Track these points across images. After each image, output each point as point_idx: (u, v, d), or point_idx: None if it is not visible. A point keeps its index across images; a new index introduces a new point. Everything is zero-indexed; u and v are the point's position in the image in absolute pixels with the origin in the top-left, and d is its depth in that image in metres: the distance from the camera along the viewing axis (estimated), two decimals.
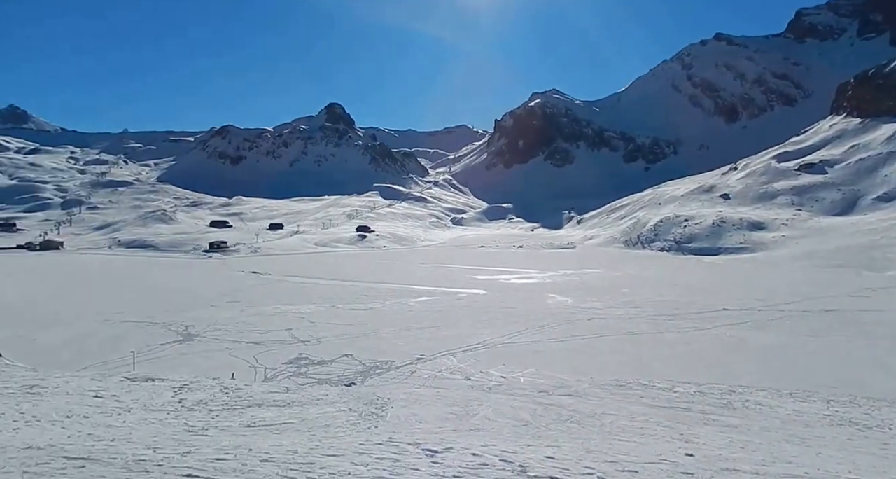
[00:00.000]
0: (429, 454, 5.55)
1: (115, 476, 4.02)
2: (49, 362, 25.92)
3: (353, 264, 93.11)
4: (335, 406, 10.35)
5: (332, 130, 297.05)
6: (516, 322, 42.93)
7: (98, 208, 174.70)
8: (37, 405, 9.65)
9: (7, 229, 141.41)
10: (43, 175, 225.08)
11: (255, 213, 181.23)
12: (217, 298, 56.17)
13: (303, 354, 33.72)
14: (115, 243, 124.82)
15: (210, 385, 12.01)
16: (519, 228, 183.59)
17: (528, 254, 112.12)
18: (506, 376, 28.19)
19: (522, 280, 70.81)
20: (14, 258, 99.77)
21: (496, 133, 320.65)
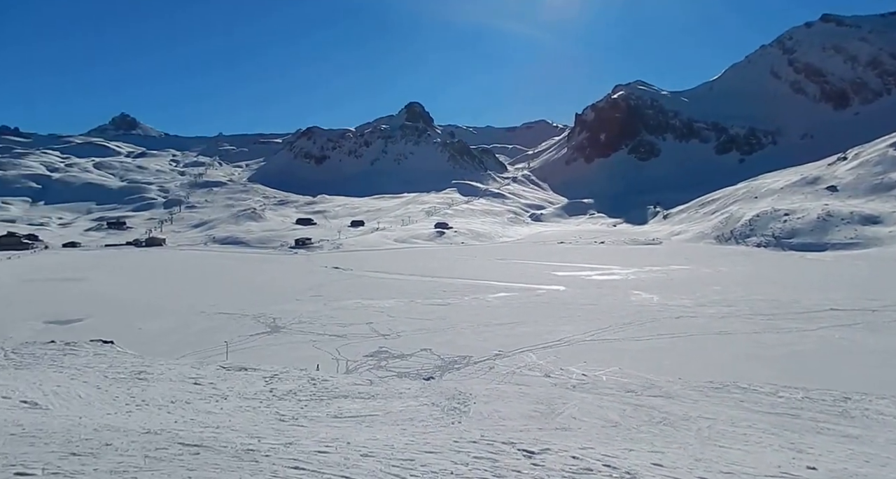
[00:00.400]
0: (526, 455, 5.09)
1: (227, 464, 4.10)
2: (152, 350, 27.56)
3: (432, 259, 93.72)
4: (417, 400, 10.14)
5: (411, 128, 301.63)
6: (598, 319, 41.33)
7: (195, 207, 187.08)
8: (145, 389, 10.18)
9: (118, 227, 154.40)
10: (148, 177, 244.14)
11: (337, 210, 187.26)
12: (302, 292, 58.17)
13: (383, 347, 34.03)
14: (211, 240, 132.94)
15: (298, 376, 12.28)
16: (600, 223, 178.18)
17: (610, 250, 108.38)
18: (587, 373, 27.03)
19: (604, 277, 68.37)
20: (124, 254, 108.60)
21: (577, 127, 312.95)
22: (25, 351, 12.84)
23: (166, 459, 4.19)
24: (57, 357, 12.32)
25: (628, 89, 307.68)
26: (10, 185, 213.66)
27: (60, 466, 3.88)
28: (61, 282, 67.29)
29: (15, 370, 10.86)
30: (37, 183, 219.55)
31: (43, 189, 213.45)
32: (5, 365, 11.32)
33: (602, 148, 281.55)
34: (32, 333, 38.76)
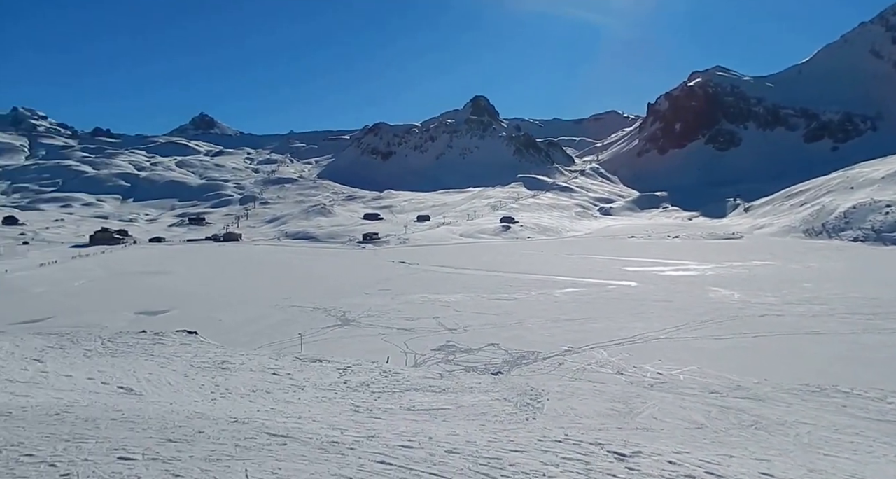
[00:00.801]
0: (618, 457, 4.83)
1: (314, 456, 4.18)
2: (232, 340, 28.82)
3: (498, 254, 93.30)
4: (488, 395, 10.06)
5: (476, 122, 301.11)
6: (673, 316, 39.78)
7: (269, 203, 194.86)
8: (227, 378, 10.66)
9: (198, 223, 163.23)
10: (225, 174, 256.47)
11: (403, 205, 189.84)
12: (370, 286, 59.37)
13: (450, 341, 34.17)
14: (283, 235, 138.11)
15: (370, 369, 12.53)
16: (674, 217, 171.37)
17: (686, 245, 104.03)
18: (662, 372, 26.09)
19: (679, 272, 65.73)
20: (204, 248, 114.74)
21: (649, 117, 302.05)
22: (120, 340, 13.72)
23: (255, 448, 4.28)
24: (147, 346, 13.10)
25: (706, 76, 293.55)
26: (103, 183, 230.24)
27: (158, 452, 4.03)
28: (148, 275, 71.85)
29: (111, 358, 11.62)
30: (126, 181, 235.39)
31: (131, 187, 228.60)
32: (103, 353, 12.14)
33: (677, 138, 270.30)
34: (125, 323, 41.61)
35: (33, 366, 9.91)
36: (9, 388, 7.91)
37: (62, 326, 38.17)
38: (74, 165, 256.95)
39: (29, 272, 73.53)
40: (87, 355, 11.84)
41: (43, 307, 49.07)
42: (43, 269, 77.51)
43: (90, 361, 11.18)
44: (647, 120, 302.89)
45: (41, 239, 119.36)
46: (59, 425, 5.11)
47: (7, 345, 12.49)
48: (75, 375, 9.46)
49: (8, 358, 10.63)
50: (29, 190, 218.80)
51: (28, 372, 9.33)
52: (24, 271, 74.78)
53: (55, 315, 45.20)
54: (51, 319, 43.66)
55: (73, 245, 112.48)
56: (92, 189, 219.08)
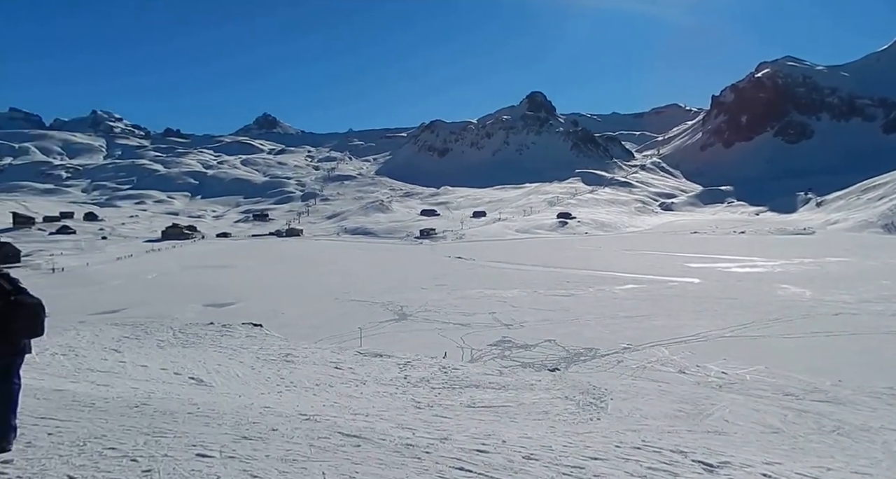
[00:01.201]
0: (707, 468, 4.49)
1: (390, 460, 4.15)
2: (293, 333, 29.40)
3: (554, 250, 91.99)
4: (549, 392, 9.80)
5: (533, 118, 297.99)
6: (739, 314, 38.03)
7: (328, 200, 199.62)
8: (292, 371, 10.90)
9: (262, 219, 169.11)
10: (287, 172, 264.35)
11: (459, 202, 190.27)
12: (427, 281, 59.73)
13: (506, 337, 33.88)
14: (342, 231, 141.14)
15: (430, 364, 12.54)
16: (740, 212, 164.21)
17: (753, 240, 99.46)
18: (727, 372, 24.90)
19: (746, 269, 62.83)
20: (267, 244, 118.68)
21: (713, 110, 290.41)
22: (190, 331, 14.26)
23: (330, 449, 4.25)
24: (215, 338, 13.53)
25: (775, 66, 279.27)
26: (173, 181, 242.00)
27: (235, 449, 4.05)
28: (215, 269, 74.87)
29: (182, 349, 12.08)
30: (194, 179, 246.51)
31: (199, 184, 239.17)
32: (174, 343, 12.65)
33: (743, 131, 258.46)
34: (194, 314, 43.43)
35: (112, 356, 10.42)
36: (90, 377, 8.40)
37: (136, 316, 40.16)
38: (147, 164, 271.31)
39: (107, 266, 78.07)
40: (160, 345, 12.33)
41: (119, 299, 51.95)
42: (119, 262, 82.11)
43: (163, 351, 11.63)
44: (711, 113, 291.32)
45: (118, 234, 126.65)
46: (139, 417, 5.27)
47: (88, 334, 13.20)
48: (150, 365, 9.91)
49: (89, 347, 11.21)
50: (107, 188, 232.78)
51: (107, 362, 9.85)
52: (103, 264, 79.44)
53: (130, 306, 47.73)
54: (126, 309, 46.12)
55: (146, 240, 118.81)
56: (163, 187, 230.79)
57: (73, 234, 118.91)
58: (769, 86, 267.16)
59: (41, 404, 5.57)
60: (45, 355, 9.68)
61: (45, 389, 6.45)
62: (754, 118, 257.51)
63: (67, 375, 8.54)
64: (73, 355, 10.15)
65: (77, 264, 77.94)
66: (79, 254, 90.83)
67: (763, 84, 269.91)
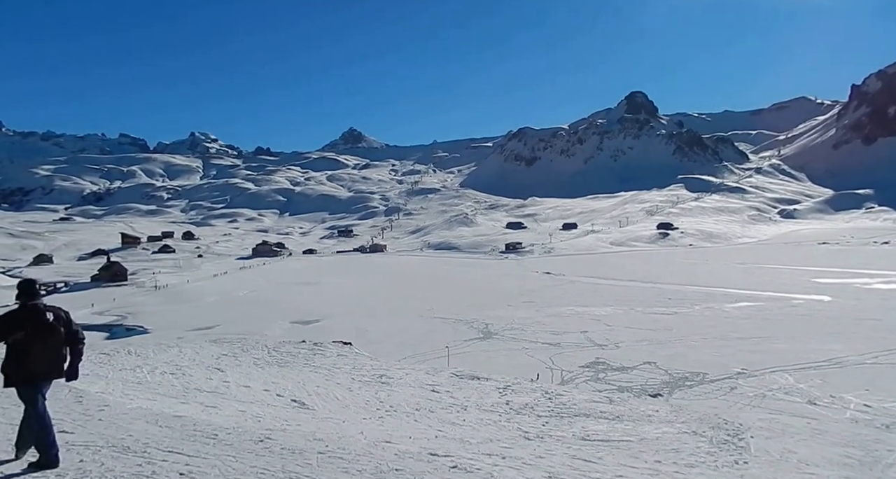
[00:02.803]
0: None
1: None
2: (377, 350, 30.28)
3: (654, 264, 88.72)
4: (672, 426, 9.33)
5: (631, 121, 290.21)
6: (884, 338, 34.89)
7: (412, 214, 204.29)
8: (389, 394, 11.22)
9: (346, 235, 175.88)
10: (371, 187, 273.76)
11: (548, 213, 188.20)
12: (513, 297, 59.61)
13: (600, 358, 33.15)
14: (426, 246, 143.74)
15: (531, 389, 12.49)
16: (882, 219, 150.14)
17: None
18: (871, 404, 22.91)
19: (891, 286, 57.53)
20: (351, 260, 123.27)
21: (853, 101, 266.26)
22: (284, 349, 15.29)
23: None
24: (308, 357, 14.42)
25: None
26: (263, 199, 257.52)
27: None
28: (302, 285, 78.75)
29: (279, 368, 12.99)
30: (283, 196, 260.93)
31: (287, 202, 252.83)
32: (270, 362, 13.64)
33: (890, 124, 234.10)
34: (282, 331, 45.97)
35: (216, 375, 11.39)
36: (198, 398, 9.18)
37: (229, 333, 43.11)
38: (239, 183, 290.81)
39: (203, 283, 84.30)
40: (257, 363, 13.34)
41: (213, 315, 56.00)
42: (213, 280, 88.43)
43: (262, 371, 12.55)
44: (850, 105, 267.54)
45: (212, 252, 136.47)
46: (268, 456, 5.46)
47: (190, 352, 14.55)
48: (253, 385, 10.71)
49: (193, 366, 12.35)
50: (202, 207, 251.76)
51: (212, 382, 10.77)
52: (199, 282, 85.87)
53: (223, 323, 51.32)
54: (219, 326, 49.62)
55: (238, 257, 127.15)
56: (254, 205, 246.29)
57: (173, 252, 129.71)
58: None
59: (165, 433, 5.88)
60: (155, 374, 10.76)
61: (165, 415, 6.92)
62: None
63: (177, 395, 9.33)
64: (181, 374, 11.20)
65: (176, 282, 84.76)
66: (177, 272, 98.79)
67: None
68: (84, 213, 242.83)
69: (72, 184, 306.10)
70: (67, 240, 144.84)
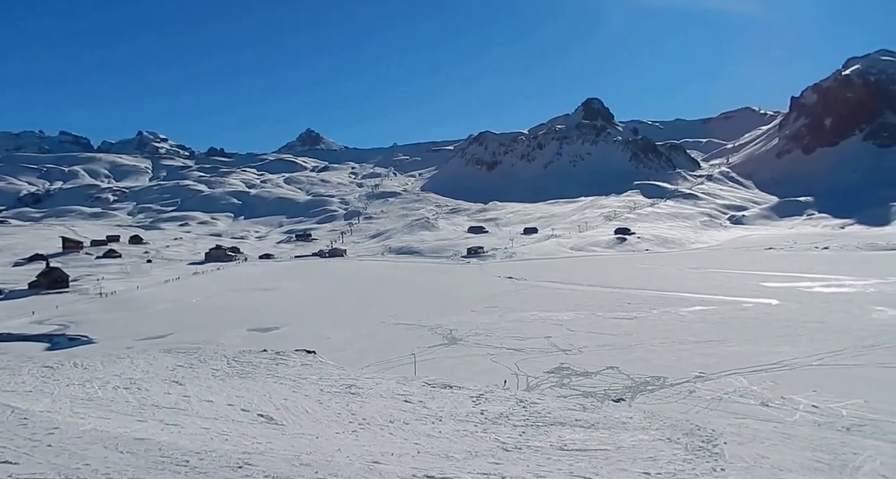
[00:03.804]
0: None
1: None
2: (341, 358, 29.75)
3: (613, 268, 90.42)
4: (647, 433, 9.39)
5: (588, 127, 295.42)
6: (828, 340, 36.35)
7: (372, 218, 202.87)
8: (362, 406, 10.95)
9: (305, 239, 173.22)
10: (330, 190, 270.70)
11: (509, 217, 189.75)
12: (476, 303, 59.74)
13: (564, 363, 33.47)
14: (387, 250, 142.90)
15: (505, 397, 12.38)
16: (822, 225, 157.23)
17: (839, 257, 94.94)
18: (818, 405, 23.84)
19: (832, 289, 60.03)
20: (310, 265, 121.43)
21: (792, 113, 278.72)
22: (244, 359, 14.79)
23: None
24: (271, 367, 13.99)
25: (867, 62, 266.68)
26: (217, 201, 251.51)
27: None
28: (259, 292, 77.10)
29: (240, 379, 12.52)
30: (238, 199, 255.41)
31: (243, 205, 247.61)
32: (230, 373, 13.14)
33: (827, 135, 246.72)
34: (239, 339, 44.82)
35: (175, 389, 10.85)
36: (157, 415, 8.60)
37: (182, 342, 41.76)
38: (192, 185, 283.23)
39: (152, 290, 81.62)
40: (217, 374, 12.84)
41: (164, 324, 54.20)
42: (164, 286, 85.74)
43: (223, 383, 12.08)
44: (790, 116, 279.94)
45: (162, 257, 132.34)
46: None
47: (143, 363, 13.93)
48: (215, 399, 10.21)
49: (148, 379, 11.77)
50: (152, 210, 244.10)
51: (171, 396, 10.19)
52: (148, 288, 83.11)
53: (176, 331, 49.71)
54: (172, 335, 48.03)
55: (190, 262, 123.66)
56: (207, 208, 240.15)
57: (119, 257, 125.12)
58: (859, 84, 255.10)
59: (127, 460, 5.32)
60: (107, 389, 10.08)
61: (124, 437, 6.39)
62: (840, 121, 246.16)
63: (133, 412, 8.72)
64: (136, 389, 10.57)
65: (123, 288, 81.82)
66: (124, 278, 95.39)
67: (851, 82, 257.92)
68: (20, 215, 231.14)
69: (6, 184, 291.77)
70: (2, 244, 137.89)
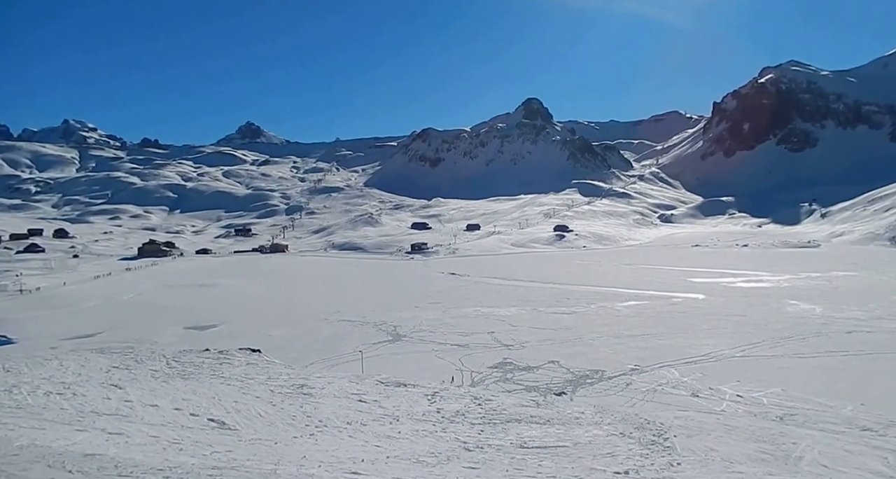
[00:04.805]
0: None
1: None
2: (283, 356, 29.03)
3: (552, 265, 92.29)
4: (601, 428, 9.50)
5: (529, 126, 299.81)
6: (748, 332, 38.44)
7: (315, 213, 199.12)
8: (316, 407, 10.58)
9: (244, 234, 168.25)
10: (271, 184, 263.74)
11: (452, 214, 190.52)
12: (420, 299, 59.71)
13: (507, 358, 33.93)
14: (330, 246, 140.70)
15: (460, 395, 12.27)
16: (742, 224, 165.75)
17: (757, 254, 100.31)
18: (742, 395, 25.17)
19: (751, 284, 63.42)
20: (250, 260, 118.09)
21: (715, 117, 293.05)
22: (185, 359, 14.09)
23: None
24: (215, 367, 13.37)
25: (779, 71, 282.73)
26: (150, 194, 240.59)
27: None
28: (196, 288, 74.39)
29: (183, 381, 11.88)
30: (173, 192, 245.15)
31: (178, 198, 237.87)
32: (171, 374, 12.46)
33: (745, 139, 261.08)
34: (175, 338, 43.09)
35: (114, 393, 10.10)
36: (97, 423, 7.97)
37: (113, 341, 39.76)
38: (123, 177, 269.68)
39: (79, 286, 77.35)
40: (156, 376, 12.17)
41: (93, 322, 51.44)
42: (92, 283, 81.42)
43: (166, 385, 11.44)
44: (713, 120, 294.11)
45: (91, 252, 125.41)
46: None
47: (73, 365, 13.01)
48: (160, 404, 9.57)
49: (82, 383, 10.96)
50: (79, 202, 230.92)
51: (111, 401, 9.45)
52: (75, 284, 78.71)
53: (106, 330, 47.24)
54: (102, 333, 45.63)
55: (122, 258, 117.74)
56: (140, 201, 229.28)
57: (43, 252, 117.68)
58: (772, 92, 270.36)
59: None
60: (38, 395, 9.19)
61: (71, 454, 5.65)
62: (757, 126, 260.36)
63: (71, 421, 8.03)
64: (71, 394, 9.79)
65: (47, 285, 77.19)
66: (48, 274, 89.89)
67: (766, 90, 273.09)
68: None
69: None
70: None
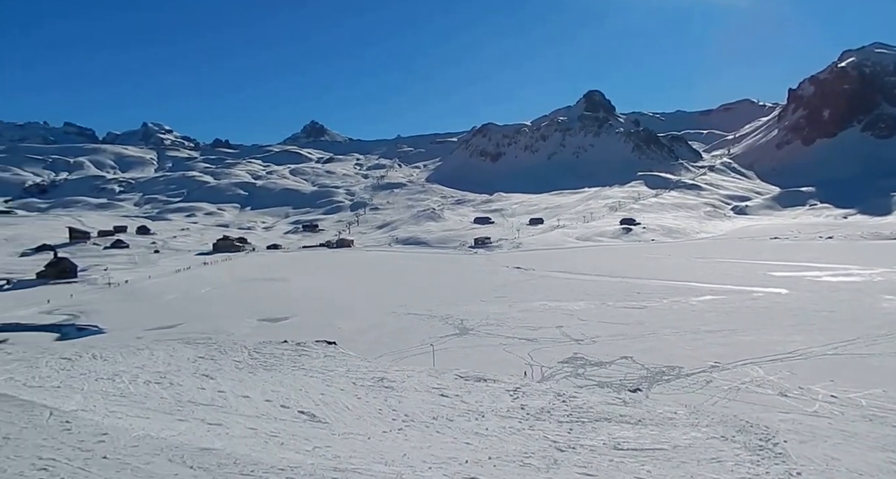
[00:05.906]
0: None
1: None
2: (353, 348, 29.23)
3: (620, 259, 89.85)
4: (699, 430, 8.86)
5: (591, 118, 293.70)
6: (840, 329, 35.92)
7: (378, 209, 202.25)
8: (400, 401, 10.48)
9: (312, 230, 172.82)
10: (336, 181, 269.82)
11: (514, 208, 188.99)
12: (486, 293, 59.28)
13: (577, 353, 33.01)
14: (394, 241, 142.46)
15: (542, 391, 11.87)
16: (825, 215, 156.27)
17: (843, 246, 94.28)
18: (837, 395, 23.39)
19: (840, 278, 59.48)
20: (318, 255, 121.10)
21: (791, 104, 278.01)
22: (266, 351, 14.28)
23: None
24: (294, 358, 13.48)
25: (861, 54, 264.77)
26: (223, 192, 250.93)
27: None
28: (268, 282, 76.74)
29: (267, 372, 12.00)
30: (244, 190, 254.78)
31: (249, 196, 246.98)
32: (254, 365, 12.63)
33: (825, 126, 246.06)
34: (250, 329, 44.42)
35: (207, 383, 10.33)
36: (196, 413, 8.14)
37: (191, 332, 41.39)
38: (197, 176, 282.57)
39: (161, 280, 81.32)
40: (240, 367, 12.35)
41: (173, 314, 53.81)
42: (173, 277, 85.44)
43: (254, 376, 11.58)
44: (788, 107, 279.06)
45: (170, 247, 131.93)
46: None
47: (163, 355, 13.40)
48: (252, 395, 9.76)
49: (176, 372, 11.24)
50: (158, 201, 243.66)
51: (206, 392, 9.74)
52: (158, 278, 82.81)
53: (185, 321, 49.27)
54: (181, 325, 47.61)
55: (198, 253, 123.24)
56: (213, 198, 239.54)
57: (127, 248, 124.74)
58: (854, 76, 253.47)
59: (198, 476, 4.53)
60: (138, 384, 9.62)
61: (188, 448, 5.54)
62: (838, 112, 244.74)
63: (171, 410, 8.28)
64: (168, 383, 10.12)
65: (132, 278, 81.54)
66: (132, 268, 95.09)
67: (847, 74, 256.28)
68: (27, 206, 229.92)
69: (11, 175, 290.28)
70: (8, 235, 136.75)
